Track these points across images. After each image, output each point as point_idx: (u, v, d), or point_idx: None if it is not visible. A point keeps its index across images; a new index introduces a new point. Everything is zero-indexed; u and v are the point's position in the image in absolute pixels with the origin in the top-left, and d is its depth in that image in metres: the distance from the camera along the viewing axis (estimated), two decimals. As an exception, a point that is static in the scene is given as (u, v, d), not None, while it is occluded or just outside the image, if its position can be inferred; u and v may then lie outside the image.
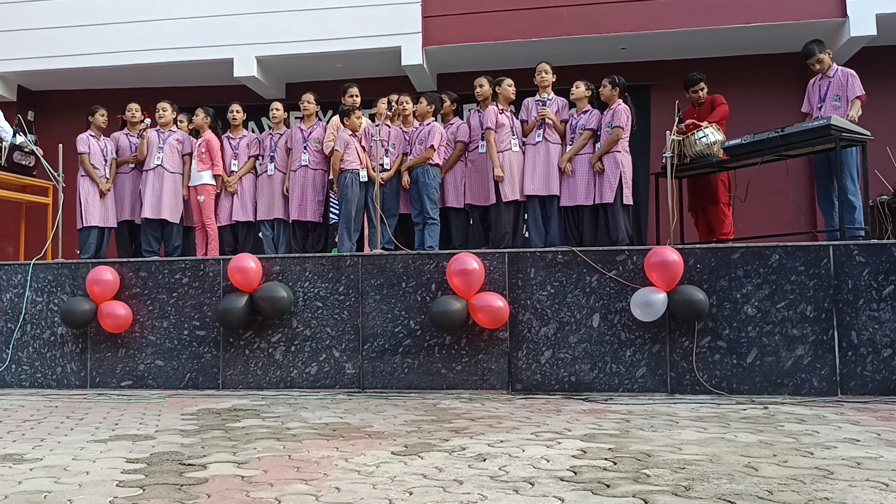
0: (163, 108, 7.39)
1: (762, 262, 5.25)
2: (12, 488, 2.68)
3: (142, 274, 6.07)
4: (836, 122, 5.62)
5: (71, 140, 7.26)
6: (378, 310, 5.71)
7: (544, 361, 5.47)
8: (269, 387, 5.78)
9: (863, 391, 5.06)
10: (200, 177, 7.25)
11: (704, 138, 6.39)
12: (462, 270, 5.41)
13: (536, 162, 6.60)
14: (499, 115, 6.64)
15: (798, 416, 4.27)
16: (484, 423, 4.10)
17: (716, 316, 5.27)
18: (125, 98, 7.85)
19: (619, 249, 5.55)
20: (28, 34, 9.50)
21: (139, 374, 5.99)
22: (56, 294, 6.16)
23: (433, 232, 6.68)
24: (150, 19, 9.29)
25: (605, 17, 8.67)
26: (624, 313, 5.37)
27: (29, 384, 6.12)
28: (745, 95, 8.60)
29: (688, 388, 5.26)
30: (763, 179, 6.75)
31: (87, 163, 7.17)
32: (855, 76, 6.24)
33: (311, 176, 7.04)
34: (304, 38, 9.08)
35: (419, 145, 6.79)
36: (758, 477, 2.70)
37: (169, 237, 7.31)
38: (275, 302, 5.68)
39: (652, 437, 3.57)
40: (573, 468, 2.89)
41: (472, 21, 8.91)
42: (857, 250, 5.18)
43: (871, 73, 7.88)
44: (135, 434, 3.86)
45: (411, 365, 5.62)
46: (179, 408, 4.90)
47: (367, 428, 3.96)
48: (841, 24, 8.34)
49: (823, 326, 5.14)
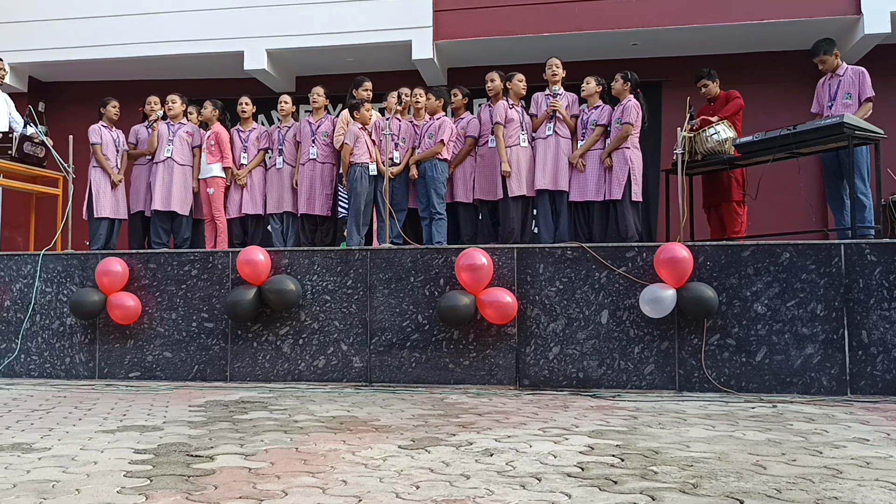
0: (172, 101, 7.42)
1: (772, 259, 5.22)
2: (21, 477, 2.69)
3: (151, 265, 6.08)
4: (848, 119, 5.56)
5: (81, 131, 7.29)
6: (386, 304, 5.71)
7: (552, 357, 5.45)
8: (276, 379, 5.79)
9: (873, 391, 5.03)
10: (210, 169, 7.27)
11: (716, 135, 6.34)
12: (470, 265, 5.40)
13: (546, 156, 6.58)
14: (508, 110, 6.63)
15: (807, 415, 4.25)
16: (491, 418, 4.09)
17: (725, 314, 5.24)
18: (136, 90, 7.89)
19: (628, 246, 5.53)
20: (39, 25, 9.54)
21: (147, 366, 6.01)
22: (65, 285, 6.18)
23: (440, 227, 6.67)
24: (161, 11, 9.32)
25: (617, 13, 8.64)
26: (633, 310, 5.36)
27: (38, 374, 6.15)
28: (757, 92, 8.55)
29: (696, 385, 5.24)
30: (775, 177, 6.71)
31: (99, 153, 7.21)
32: (866, 75, 6.17)
33: (320, 169, 7.04)
34: (315, 31, 9.10)
35: (428, 139, 6.78)
36: (766, 475, 2.68)
37: (178, 229, 7.33)
38: (283, 295, 5.68)
39: (660, 435, 3.55)
40: (580, 464, 2.88)
41: (483, 15, 8.89)
42: (868, 249, 5.15)
43: (885, 71, 7.84)
44: (142, 425, 3.87)
45: (419, 359, 5.62)
46: (187, 399, 4.91)
47: (374, 421, 3.96)
48: (855, 22, 8.28)
49: (834, 325, 5.11)
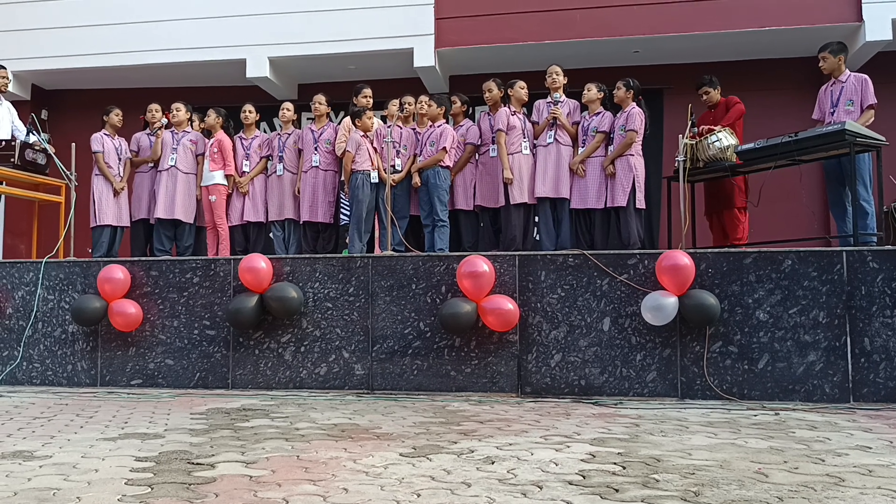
0: (176, 109, 7.45)
1: (775, 267, 5.22)
2: (22, 485, 2.69)
3: (153, 273, 6.09)
4: (850, 126, 5.56)
5: (84, 139, 7.30)
6: (388, 311, 5.71)
7: (554, 365, 5.45)
8: (278, 387, 5.79)
9: (875, 398, 5.02)
10: (212, 177, 7.28)
11: (718, 142, 6.35)
12: (472, 273, 5.40)
13: (548, 164, 6.59)
14: (510, 117, 6.64)
15: (809, 422, 4.23)
16: (493, 425, 4.09)
17: (727, 321, 5.24)
18: (138, 98, 7.90)
19: (630, 253, 5.53)
20: (42, 33, 9.58)
21: (149, 373, 6.01)
22: (67, 292, 6.19)
23: (443, 234, 6.68)
24: (164, 19, 9.35)
25: (619, 20, 8.66)
26: (635, 317, 5.35)
27: (40, 382, 6.15)
28: (759, 100, 8.54)
29: (698, 393, 5.23)
30: (776, 184, 6.71)
31: (100, 161, 7.23)
32: (869, 82, 6.17)
33: (322, 177, 7.06)
34: (317, 39, 9.12)
35: (430, 147, 6.79)
36: (768, 483, 2.68)
37: (181, 237, 7.35)
38: (285, 302, 5.68)
39: (661, 442, 3.55)
40: (582, 472, 2.88)
41: (484, 23, 8.91)
42: (870, 256, 5.14)
43: (886, 78, 7.84)
44: (144, 433, 3.87)
45: (420, 367, 5.62)
46: (189, 407, 4.91)
47: (375, 429, 3.95)
48: (856, 29, 8.29)
49: (836, 332, 5.10)
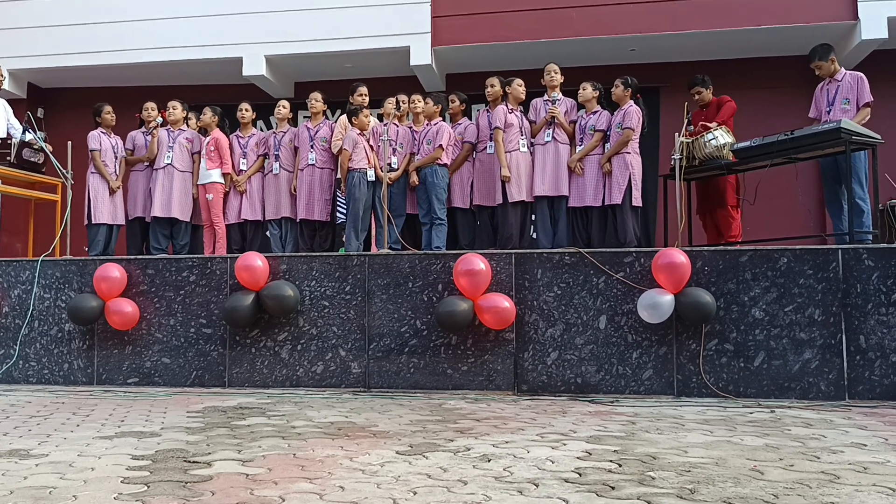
0: (173, 107, 7.42)
1: (770, 264, 5.23)
2: (18, 483, 2.69)
3: (149, 271, 6.08)
4: (846, 125, 5.58)
5: (80, 137, 7.28)
6: (384, 309, 5.71)
7: (550, 363, 5.45)
8: (274, 385, 5.79)
9: (871, 396, 5.03)
10: (209, 175, 7.27)
11: (714, 140, 6.36)
12: (469, 271, 5.40)
13: (546, 162, 6.59)
14: (508, 115, 6.64)
15: (805, 420, 4.25)
16: (489, 423, 4.09)
17: (723, 319, 5.25)
18: (135, 96, 7.88)
19: (626, 251, 5.54)
20: (38, 32, 9.55)
21: (145, 372, 6.01)
22: (64, 291, 6.18)
23: (440, 232, 6.68)
24: (160, 18, 9.33)
25: (615, 19, 8.66)
26: (631, 315, 5.36)
27: (36, 380, 6.14)
28: (754, 98, 8.57)
29: (694, 390, 5.24)
30: (772, 182, 6.72)
31: (98, 160, 7.22)
32: (864, 80, 6.20)
33: (319, 175, 7.05)
34: (313, 37, 9.11)
35: (427, 145, 6.79)
36: (763, 481, 2.68)
37: (177, 235, 7.33)
38: (281, 300, 5.68)
39: (657, 440, 3.56)
40: (578, 470, 2.88)
41: (481, 21, 8.91)
42: (866, 254, 5.16)
43: (882, 77, 7.84)
44: (140, 431, 3.86)
45: (417, 365, 5.62)
46: (185, 405, 4.91)
47: (372, 427, 3.96)
48: (852, 27, 8.30)
49: (832, 330, 5.12)
